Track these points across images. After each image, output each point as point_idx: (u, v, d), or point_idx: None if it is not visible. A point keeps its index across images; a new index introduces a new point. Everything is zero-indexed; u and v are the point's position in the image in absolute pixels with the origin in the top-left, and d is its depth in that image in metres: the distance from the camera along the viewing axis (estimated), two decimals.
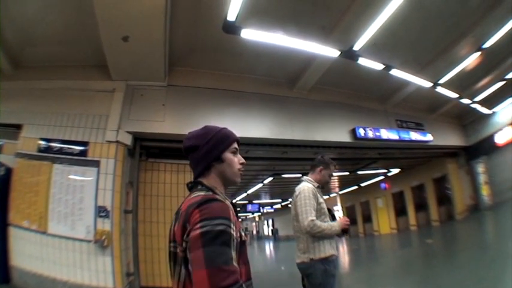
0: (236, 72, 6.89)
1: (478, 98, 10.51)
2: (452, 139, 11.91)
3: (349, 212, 21.95)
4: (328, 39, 5.91)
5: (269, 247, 25.32)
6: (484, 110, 11.54)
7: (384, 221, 18.16)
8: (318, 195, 2.94)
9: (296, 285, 3.02)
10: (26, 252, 5.59)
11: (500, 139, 11.74)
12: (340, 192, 22.67)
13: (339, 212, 22.87)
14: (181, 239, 1.09)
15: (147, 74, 6.01)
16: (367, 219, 20.05)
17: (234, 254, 1.04)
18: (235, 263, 1.02)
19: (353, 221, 21.10)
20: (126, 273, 5.62)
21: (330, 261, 2.79)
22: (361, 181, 18.44)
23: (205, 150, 1.31)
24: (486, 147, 12.13)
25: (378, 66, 6.80)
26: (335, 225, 2.86)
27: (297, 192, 2.97)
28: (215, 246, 0.98)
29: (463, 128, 12.76)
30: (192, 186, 1.31)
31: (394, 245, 13.42)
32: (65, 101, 6.05)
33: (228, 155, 1.35)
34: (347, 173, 14.14)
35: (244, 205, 23.48)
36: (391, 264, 8.23)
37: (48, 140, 5.88)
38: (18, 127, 6.10)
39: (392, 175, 16.32)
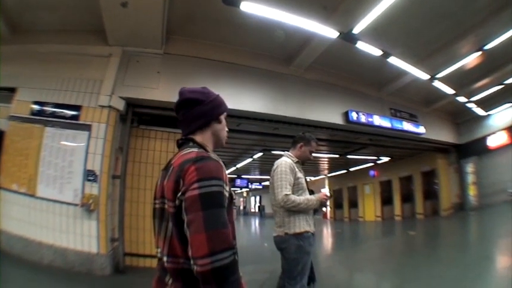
0: (233, 45, 6.78)
1: (475, 98, 10.47)
2: (444, 135, 11.90)
3: (335, 195, 21.80)
4: (329, 20, 5.81)
5: (255, 223, 25.38)
6: (480, 111, 11.55)
7: (370, 208, 18.23)
8: (297, 170, 2.91)
9: (277, 262, 2.99)
10: (14, 216, 5.58)
11: (492, 142, 11.80)
12: (329, 175, 22.65)
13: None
14: (173, 195, 1.07)
15: (144, 40, 5.93)
16: (353, 204, 20.08)
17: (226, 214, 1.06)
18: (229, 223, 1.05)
19: (339, 205, 21.51)
20: (111, 239, 5.59)
21: (305, 238, 2.76)
22: (351, 166, 18.44)
23: (211, 107, 1.32)
24: (477, 148, 12.20)
25: (376, 52, 6.70)
26: (313, 199, 2.82)
27: (274, 167, 2.94)
28: (213, 209, 1.00)
29: (457, 126, 12.79)
30: (182, 143, 1.30)
31: (377, 233, 13.43)
32: (61, 65, 5.98)
33: (223, 118, 1.40)
34: (337, 156, 14.01)
35: (233, 179, 23.22)
36: (371, 251, 8.27)
37: (41, 104, 5.83)
38: (12, 90, 6.05)
39: (382, 163, 16.33)
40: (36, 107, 5.83)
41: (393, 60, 7.13)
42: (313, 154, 3.18)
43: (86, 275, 5.10)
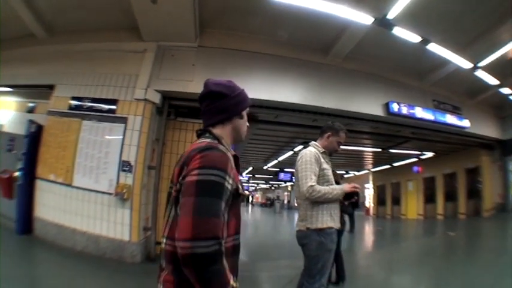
0: (267, 35, 6.75)
1: None
2: (488, 129, 11.10)
3: (379, 191, 21.45)
4: (361, 5, 5.67)
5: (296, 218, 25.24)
6: None
7: (412, 206, 17.52)
8: (322, 160, 2.71)
9: None
10: (50, 204, 5.79)
11: None
12: (373, 170, 22.00)
13: (369, 189, 22.48)
14: (178, 179, 1.11)
15: (177, 35, 6.05)
16: (396, 201, 19.35)
17: (223, 206, 1.05)
18: (222, 216, 1.05)
19: (382, 202, 20.83)
20: (143, 228, 5.61)
21: (327, 234, 2.56)
22: (394, 161, 17.70)
23: (233, 102, 1.32)
24: None
25: (415, 38, 6.46)
26: (337, 189, 2.61)
27: (298, 157, 2.77)
28: (207, 198, 1.00)
29: (502, 120, 11.84)
30: (200, 134, 1.31)
31: (417, 232, 12.82)
32: (96, 62, 6.23)
33: (245, 114, 1.39)
34: (379, 150, 13.48)
35: (276, 173, 22.97)
36: (409, 251, 7.88)
37: (78, 99, 6.07)
38: (50, 87, 6.37)
39: (426, 159, 15.59)
40: (73, 102, 6.07)
41: (433, 47, 6.82)
42: (352, 147, 3.00)
43: (117, 262, 5.15)
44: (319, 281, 2.52)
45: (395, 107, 7.86)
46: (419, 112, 8.41)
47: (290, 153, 15.03)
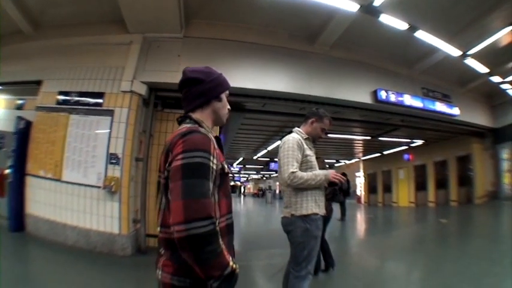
0: (253, 25, 6.68)
1: (510, 79, 9.74)
2: (479, 118, 11.16)
3: (370, 179, 21.54)
4: None
5: None
6: None
7: (403, 194, 17.66)
8: (306, 147, 2.65)
9: None
10: (41, 200, 5.79)
11: None
12: (363, 158, 22.09)
13: (360, 177, 22.50)
14: (164, 167, 1.15)
15: (163, 26, 5.98)
16: (387, 189, 19.48)
17: (211, 186, 1.09)
18: (211, 196, 1.08)
19: (373, 190, 20.95)
20: (133, 220, 5.60)
21: (312, 220, 2.51)
22: (385, 149, 17.82)
23: (210, 86, 1.35)
24: None
25: (402, 25, 6.42)
26: (320, 174, 2.52)
27: (281, 143, 2.71)
28: (193, 179, 1.03)
29: (493, 108, 11.96)
30: (181, 120, 1.34)
31: (409, 219, 12.83)
32: (83, 56, 6.17)
33: (224, 96, 1.42)
34: (369, 138, 13.48)
35: (267, 163, 23.02)
36: (400, 238, 7.88)
37: (65, 93, 6.04)
38: (38, 83, 6.32)
39: (416, 147, 15.75)
40: (61, 96, 6.03)
41: (421, 34, 6.80)
42: (342, 136, 2.92)
43: (108, 255, 5.15)
44: (306, 268, 2.47)
45: (383, 94, 7.86)
46: (408, 100, 8.41)
47: (279, 142, 14.94)
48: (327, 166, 2.96)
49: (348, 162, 23.99)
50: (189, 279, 1.07)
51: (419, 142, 14.98)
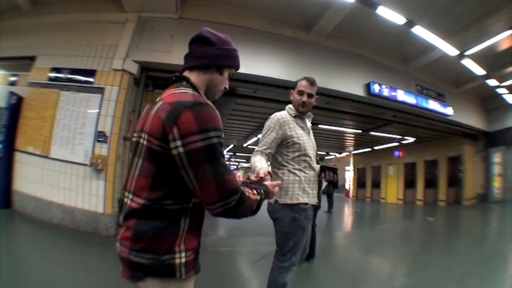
0: (249, 9, 6.60)
1: (507, 83, 9.70)
2: (473, 120, 11.12)
3: (359, 174, 21.38)
4: None
5: None
6: (511, 99, 10.69)
7: (392, 190, 17.53)
8: (293, 125, 2.41)
9: None
10: (28, 177, 5.76)
11: None
12: (354, 152, 21.87)
13: (349, 171, 22.39)
14: (161, 133, 1.03)
15: (159, 6, 5.91)
16: (376, 185, 19.32)
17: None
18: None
19: (362, 184, 20.88)
20: (118, 200, 5.50)
21: (302, 210, 2.29)
22: (376, 144, 17.67)
23: (217, 53, 1.25)
24: (507, 138, 11.38)
25: (399, 19, 6.31)
26: (257, 168, 2.03)
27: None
28: (218, 161, 1.04)
29: (487, 112, 11.96)
30: (175, 80, 1.22)
31: (396, 215, 12.79)
32: (78, 33, 6.10)
33: (226, 72, 1.30)
34: (360, 131, 13.31)
35: None
36: (386, 233, 7.79)
37: (58, 70, 5.98)
38: (32, 59, 6.26)
39: (408, 144, 15.69)
40: (53, 73, 5.98)
41: (418, 30, 6.70)
42: (332, 127, 2.60)
43: (91, 234, 5.11)
44: (290, 260, 2.29)
45: (376, 88, 7.79)
46: (401, 95, 8.34)
47: None
48: (318, 158, 2.75)
49: (338, 155, 23.90)
50: (149, 254, 1.03)
51: (410, 140, 14.91)
